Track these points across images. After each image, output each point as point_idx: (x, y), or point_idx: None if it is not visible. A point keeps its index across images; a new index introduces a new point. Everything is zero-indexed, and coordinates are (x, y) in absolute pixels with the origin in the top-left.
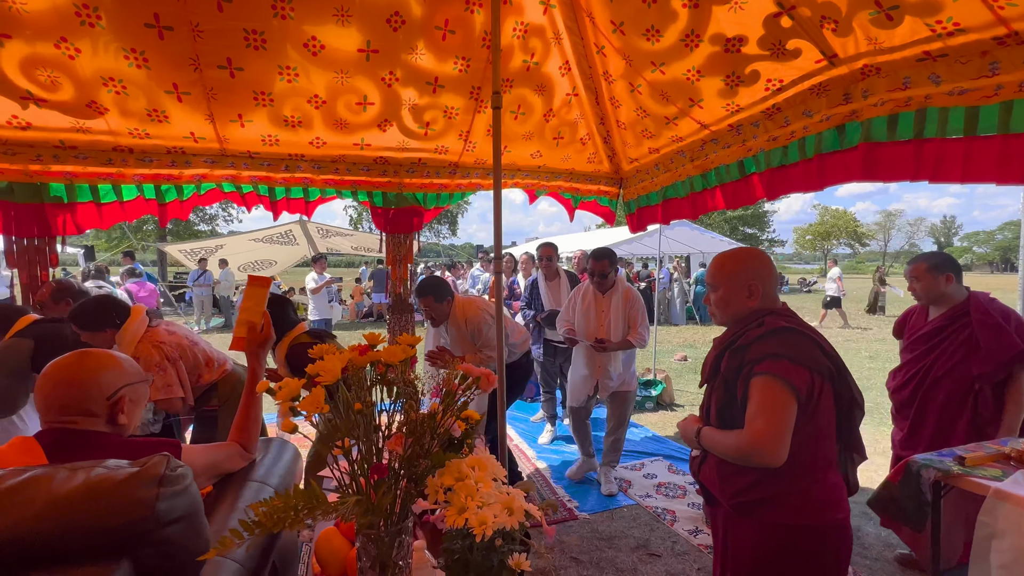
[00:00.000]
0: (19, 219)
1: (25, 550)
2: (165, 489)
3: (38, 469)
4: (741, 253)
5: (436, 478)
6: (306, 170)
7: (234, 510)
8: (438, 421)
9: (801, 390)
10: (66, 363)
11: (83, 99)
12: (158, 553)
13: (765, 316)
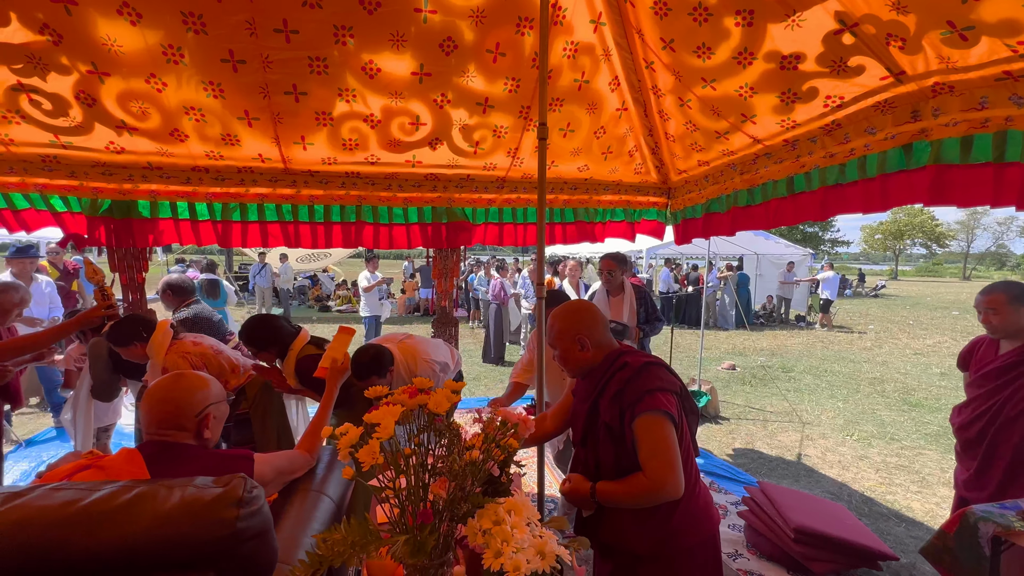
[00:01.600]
0: (117, 232)
1: (136, 560)
2: (243, 510)
3: (143, 485)
4: (565, 309)
5: (476, 520)
6: (360, 187)
7: (297, 521)
8: (478, 466)
9: (675, 415)
10: (165, 384)
11: (168, 127)
12: (238, 566)
13: (621, 357)
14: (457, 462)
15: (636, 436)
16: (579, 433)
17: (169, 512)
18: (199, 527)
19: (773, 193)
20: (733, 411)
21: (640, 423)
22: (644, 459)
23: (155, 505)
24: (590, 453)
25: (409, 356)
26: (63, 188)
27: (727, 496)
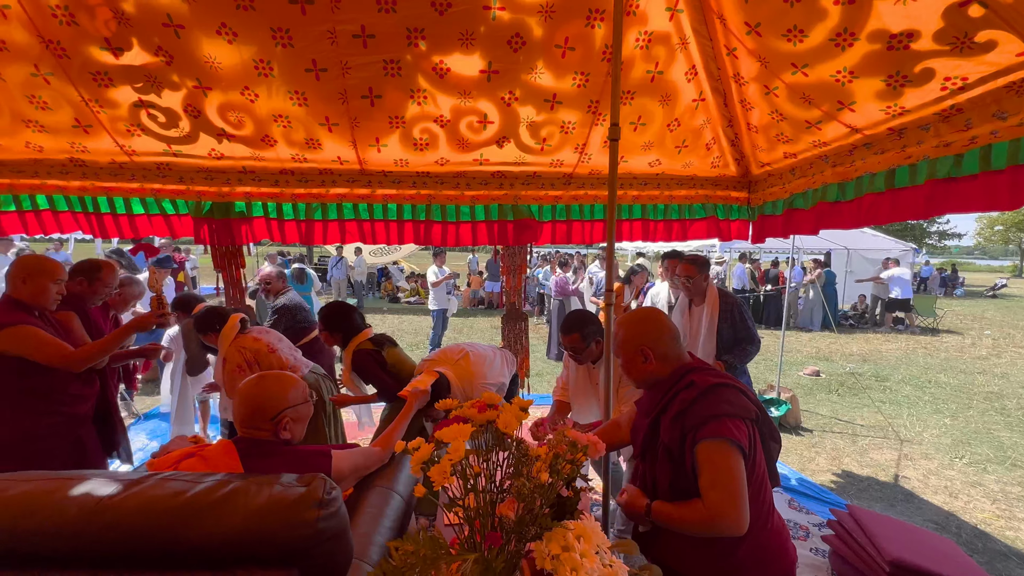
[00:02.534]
0: (217, 232)
1: (231, 553)
2: (323, 511)
3: (237, 480)
4: (629, 318)
5: (544, 544)
6: (429, 186)
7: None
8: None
9: (744, 444)
10: (249, 384)
11: (259, 134)
12: (318, 564)
13: (689, 375)
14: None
15: (697, 462)
16: (639, 447)
17: (259, 509)
18: (284, 525)
19: (869, 187)
20: (817, 422)
21: (703, 449)
22: (704, 487)
23: (247, 501)
24: (648, 469)
25: (465, 380)
26: (173, 192)
27: (809, 516)
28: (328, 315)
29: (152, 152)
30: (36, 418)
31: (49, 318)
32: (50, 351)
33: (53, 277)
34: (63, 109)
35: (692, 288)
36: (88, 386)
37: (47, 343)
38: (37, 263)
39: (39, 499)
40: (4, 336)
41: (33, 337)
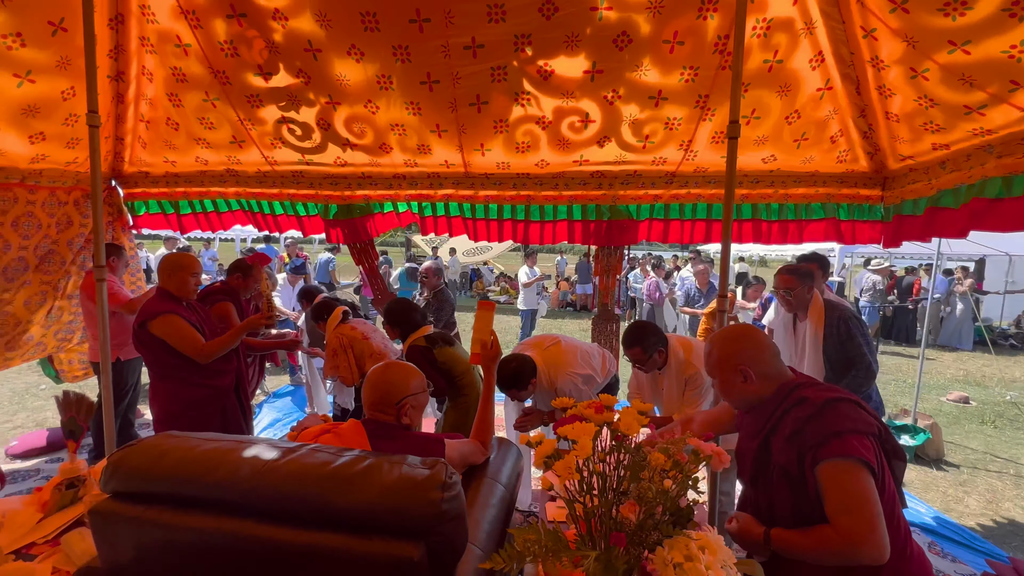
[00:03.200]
0: (345, 231)
1: (369, 521)
2: (446, 493)
3: (371, 457)
4: (723, 336)
5: (665, 551)
6: (529, 187)
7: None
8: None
9: (872, 462)
10: (377, 371)
11: (378, 142)
12: (440, 541)
13: (798, 391)
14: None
15: (821, 484)
16: (747, 472)
17: (391, 485)
18: (412, 502)
19: None
20: (965, 456)
21: (827, 470)
22: (833, 513)
23: (380, 476)
24: (762, 494)
25: (552, 367)
26: (304, 196)
27: (956, 565)
28: (390, 310)
29: (289, 162)
30: (192, 389)
31: (195, 307)
32: (186, 343)
33: (191, 271)
34: (224, 128)
35: (794, 302)
36: (227, 362)
37: (185, 335)
38: (177, 260)
39: (221, 457)
40: (156, 323)
41: (177, 327)
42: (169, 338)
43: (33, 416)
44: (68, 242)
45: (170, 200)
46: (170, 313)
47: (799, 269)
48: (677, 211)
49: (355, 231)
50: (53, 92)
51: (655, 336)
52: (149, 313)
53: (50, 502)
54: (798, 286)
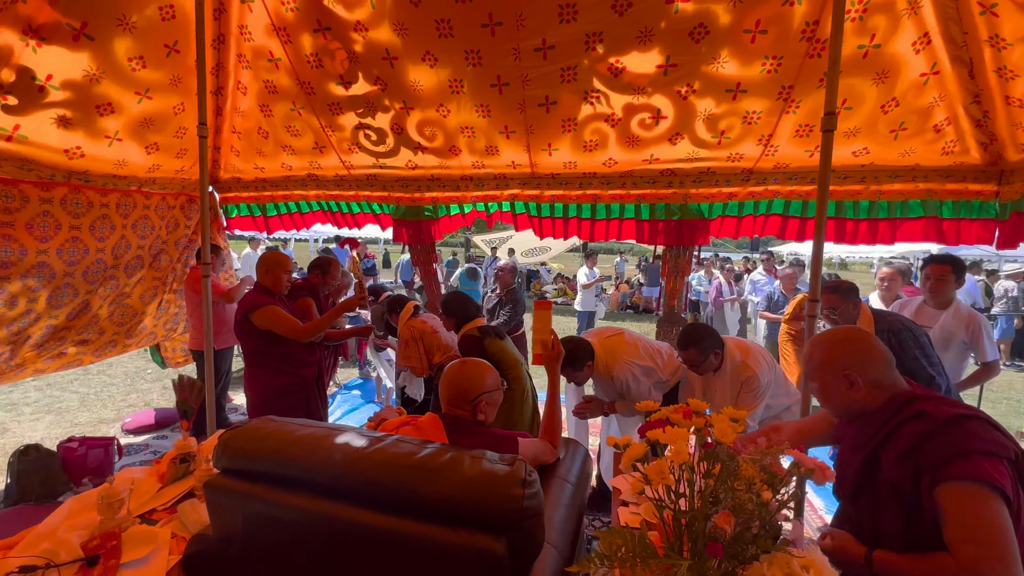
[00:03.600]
0: (411, 232)
1: (453, 512)
2: (527, 491)
3: (452, 451)
4: (831, 337)
5: (764, 567)
6: (596, 186)
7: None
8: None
9: (1008, 489)
10: (455, 367)
11: (448, 144)
12: (520, 538)
13: (915, 403)
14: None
15: (942, 508)
16: (848, 486)
17: (474, 478)
18: (494, 497)
19: None
20: None
21: (949, 493)
22: (955, 540)
23: (463, 469)
24: (864, 513)
25: (610, 354)
26: (378, 198)
27: None
28: (447, 301)
29: (364, 166)
30: (285, 377)
31: (285, 301)
32: (287, 326)
33: (285, 268)
34: (307, 135)
35: (840, 321)
36: (312, 354)
37: (285, 320)
38: (275, 258)
39: (316, 443)
40: (259, 314)
41: (276, 315)
42: (271, 325)
43: (142, 397)
44: (175, 242)
45: (258, 203)
46: (269, 305)
47: (840, 286)
48: (751, 207)
49: (419, 233)
50: (166, 107)
51: (711, 338)
52: (251, 306)
53: (167, 473)
54: (841, 304)
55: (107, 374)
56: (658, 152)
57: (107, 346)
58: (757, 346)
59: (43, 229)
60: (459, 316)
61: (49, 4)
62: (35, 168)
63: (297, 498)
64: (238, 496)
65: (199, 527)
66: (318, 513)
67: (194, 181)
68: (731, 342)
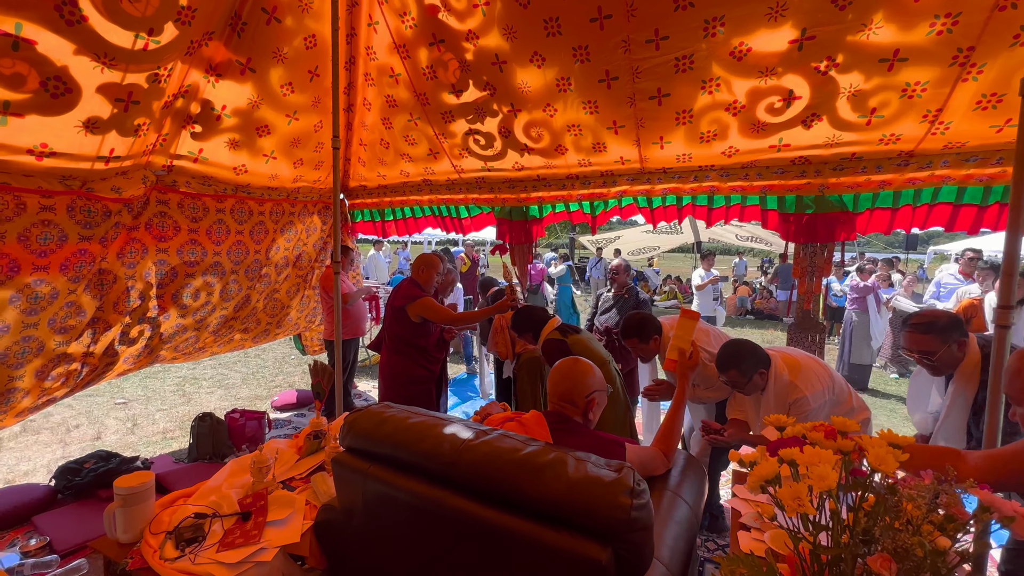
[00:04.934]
0: (514, 231)
1: (557, 514)
2: (635, 500)
3: (555, 451)
4: None
5: None
6: (713, 179)
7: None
8: (946, 559)
9: None
10: (567, 363)
11: (554, 144)
12: (626, 550)
13: None
14: (923, 546)
15: None
16: None
17: (579, 481)
18: (601, 504)
19: None
20: None
21: None
22: None
23: (567, 471)
24: None
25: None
26: (485, 201)
27: None
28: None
29: (473, 169)
30: (417, 368)
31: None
32: (441, 315)
33: (436, 269)
34: (422, 143)
35: (940, 366)
36: (442, 351)
37: (439, 310)
38: (429, 259)
39: (427, 431)
40: (416, 305)
41: (432, 305)
42: (426, 313)
43: (287, 379)
44: (313, 244)
45: (378, 208)
46: (424, 297)
47: (936, 322)
48: (910, 197)
49: (523, 232)
50: (308, 126)
51: (753, 356)
52: (408, 297)
53: (304, 447)
54: (939, 349)
55: (261, 358)
56: (789, 137)
57: (262, 334)
58: (813, 361)
59: (217, 234)
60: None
61: (224, 45)
62: (213, 184)
63: (410, 481)
64: (359, 473)
65: (328, 497)
66: (428, 498)
67: (329, 190)
68: (780, 358)
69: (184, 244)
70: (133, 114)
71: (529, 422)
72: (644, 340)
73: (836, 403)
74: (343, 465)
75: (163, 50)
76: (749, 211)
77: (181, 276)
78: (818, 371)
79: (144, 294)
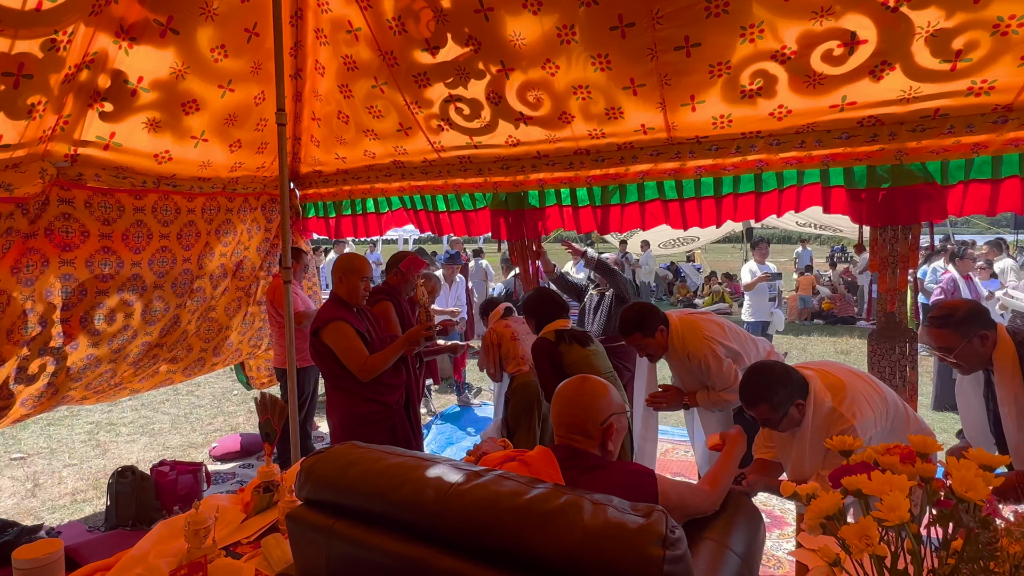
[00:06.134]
0: (512, 225)
1: (574, 568)
2: (669, 552)
3: (568, 493)
4: None
5: None
6: (760, 149)
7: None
8: None
9: None
10: (573, 385)
11: (557, 111)
12: None
13: None
14: None
15: None
16: None
17: (598, 530)
18: (626, 557)
19: None
20: None
21: None
22: None
23: (583, 518)
24: None
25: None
26: (472, 186)
27: None
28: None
29: (456, 146)
30: (362, 404)
31: (365, 312)
32: (350, 355)
33: (361, 275)
34: (391, 115)
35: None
36: (397, 376)
37: (350, 347)
38: (348, 263)
39: (405, 474)
40: (328, 331)
41: (345, 336)
42: (336, 347)
43: (228, 421)
44: (257, 248)
45: (336, 201)
46: (340, 320)
47: (953, 314)
48: (1016, 163)
49: (521, 225)
50: (247, 99)
51: (786, 384)
52: (322, 320)
53: (251, 503)
54: (958, 344)
55: (195, 395)
56: (854, 93)
57: (195, 364)
58: (860, 380)
59: (136, 240)
60: (538, 316)
61: (138, 2)
62: (129, 176)
63: (385, 538)
64: (322, 532)
65: (283, 564)
66: (408, 558)
67: (275, 179)
68: (818, 379)
69: (95, 253)
70: (25, 91)
71: (535, 461)
72: (649, 333)
73: (893, 430)
74: (301, 522)
75: (61, 9)
76: (808, 193)
77: (92, 294)
78: (867, 393)
79: (45, 318)
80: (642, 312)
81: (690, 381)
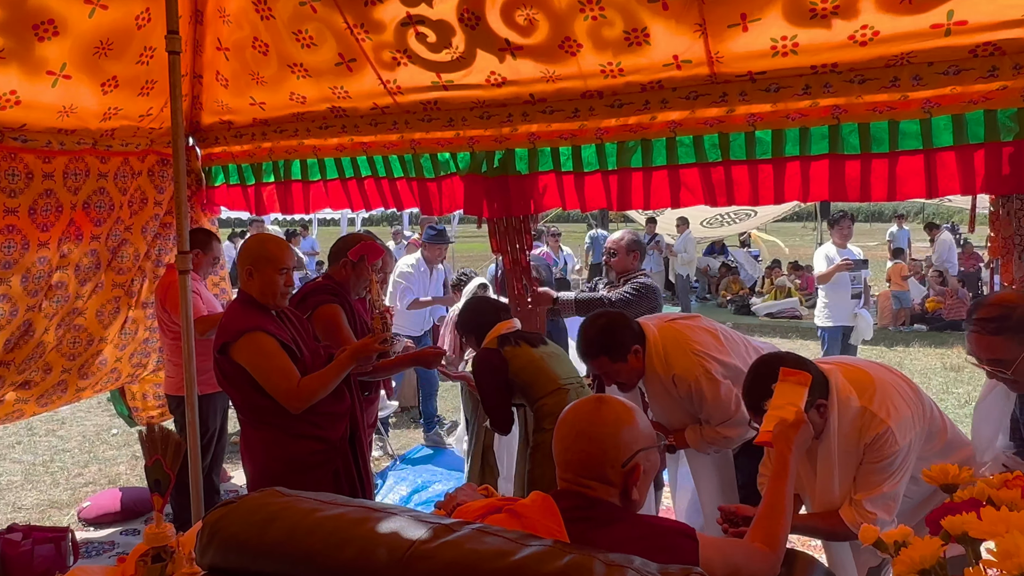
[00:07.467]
0: (493, 197)
1: None
2: None
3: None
4: None
5: None
6: (837, 88)
7: None
8: None
9: None
10: (584, 412)
11: (557, 37)
12: None
13: None
14: None
15: None
16: None
17: None
18: None
19: None
20: None
21: None
22: None
23: None
24: None
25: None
26: (438, 142)
27: None
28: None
29: (418, 87)
30: (299, 443)
31: (287, 316)
32: (274, 378)
33: (278, 265)
34: (327, 44)
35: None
36: (340, 402)
37: (274, 367)
38: (259, 248)
39: (347, 530)
40: (240, 346)
41: (263, 352)
42: (254, 369)
43: (105, 470)
44: (142, 228)
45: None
46: (256, 331)
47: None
48: None
49: (507, 200)
50: (127, 19)
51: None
52: (231, 332)
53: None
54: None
55: (58, 435)
56: (963, 9)
57: (55, 390)
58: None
59: None
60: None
61: None
62: None
63: None
64: None
65: None
66: None
67: (166, 131)
68: (840, 374)
69: None
70: None
71: (529, 511)
72: (619, 356)
73: (930, 435)
74: None
75: None
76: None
77: None
78: (901, 388)
79: None
80: (610, 327)
81: (675, 413)
